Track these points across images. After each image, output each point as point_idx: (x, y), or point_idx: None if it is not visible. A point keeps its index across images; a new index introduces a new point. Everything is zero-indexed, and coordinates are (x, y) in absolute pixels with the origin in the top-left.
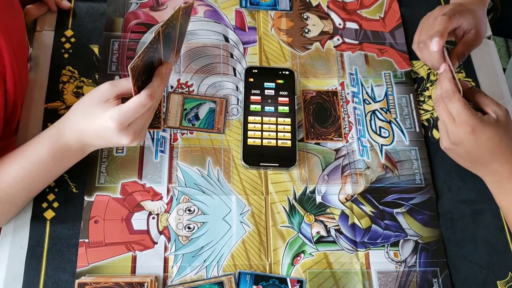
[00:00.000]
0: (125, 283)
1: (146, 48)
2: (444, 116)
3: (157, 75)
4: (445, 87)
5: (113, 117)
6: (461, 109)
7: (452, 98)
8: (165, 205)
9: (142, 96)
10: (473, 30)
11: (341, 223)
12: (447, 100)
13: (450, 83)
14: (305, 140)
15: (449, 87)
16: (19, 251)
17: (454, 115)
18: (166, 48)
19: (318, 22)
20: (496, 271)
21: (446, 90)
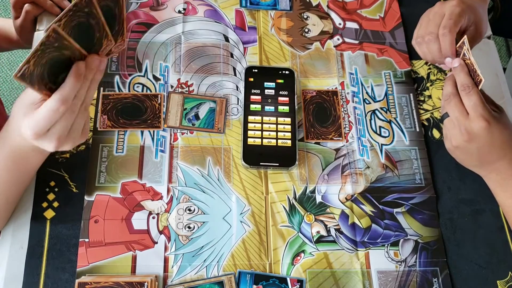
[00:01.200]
0: (125, 282)
1: (35, 51)
2: (456, 112)
3: (70, 74)
4: (463, 80)
5: (28, 126)
6: (478, 102)
7: (471, 90)
8: (165, 205)
9: (52, 102)
10: (473, 26)
11: (341, 223)
12: (465, 93)
13: (468, 77)
14: (305, 140)
15: (468, 81)
16: (19, 250)
17: (469, 108)
18: (83, 40)
19: (318, 22)
20: (496, 271)
21: (463, 83)
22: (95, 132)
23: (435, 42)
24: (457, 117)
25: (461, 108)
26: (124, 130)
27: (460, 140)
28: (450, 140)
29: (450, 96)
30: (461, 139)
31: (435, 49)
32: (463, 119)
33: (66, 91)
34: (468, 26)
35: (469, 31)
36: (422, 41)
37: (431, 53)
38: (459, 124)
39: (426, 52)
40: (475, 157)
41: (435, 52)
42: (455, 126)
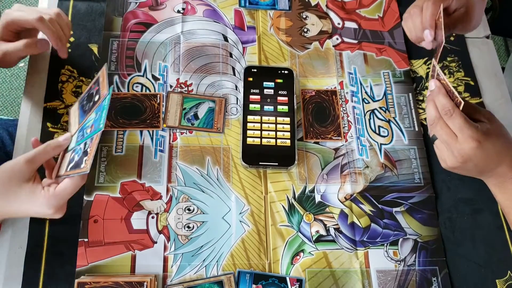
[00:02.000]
0: (125, 282)
1: None
2: (444, 136)
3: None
4: (443, 104)
5: (51, 204)
6: (463, 124)
7: (452, 113)
8: (165, 205)
9: (78, 179)
10: (463, 9)
11: (341, 222)
12: (447, 117)
13: (446, 98)
14: (304, 139)
15: (447, 103)
16: (18, 251)
17: (456, 131)
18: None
19: (317, 22)
20: (495, 270)
21: (444, 106)
22: None
23: (419, 15)
24: (446, 141)
25: (449, 131)
26: (123, 130)
27: (454, 162)
28: (445, 161)
29: (434, 120)
30: (455, 161)
31: (418, 23)
32: (453, 143)
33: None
34: (457, 8)
35: (457, 12)
36: (408, 15)
37: (415, 27)
38: (450, 147)
39: (411, 27)
40: (474, 171)
41: (418, 26)
42: (447, 149)
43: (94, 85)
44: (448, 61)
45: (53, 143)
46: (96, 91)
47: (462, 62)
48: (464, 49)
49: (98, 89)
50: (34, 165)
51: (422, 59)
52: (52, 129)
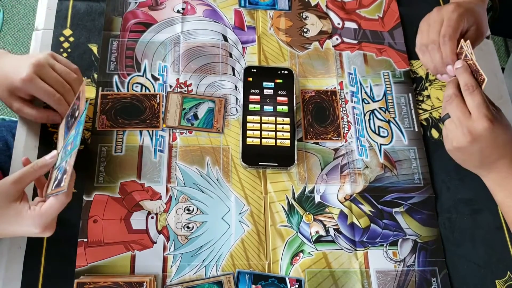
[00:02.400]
0: (124, 282)
1: None
2: (459, 113)
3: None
4: (466, 80)
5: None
6: (482, 102)
7: (475, 90)
8: (164, 205)
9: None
10: (474, 26)
11: (340, 223)
12: (468, 93)
13: (471, 77)
14: (304, 140)
15: (471, 80)
16: (17, 251)
17: (472, 108)
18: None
19: (317, 22)
20: (495, 270)
21: (467, 82)
22: (94, 132)
23: (438, 52)
24: (459, 118)
25: (464, 109)
26: (123, 130)
27: (462, 141)
28: (451, 141)
29: (451, 97)
30: (464, 140)
31: (438, 58)
32: (466, 120)
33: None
34: (468, 28)
35: (470, 32)
36: (425, 49)
37: (434, 62)
38: (461, 124)
39: (429, 61)
40: (477, 157)
41: (437, 61)
42: (457, 127)
43: (76, 100)
44: None
45: (40, 162)
46: (77, 107)
47: None
48: None
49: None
50: (20, 186)
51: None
52: (52, 129)
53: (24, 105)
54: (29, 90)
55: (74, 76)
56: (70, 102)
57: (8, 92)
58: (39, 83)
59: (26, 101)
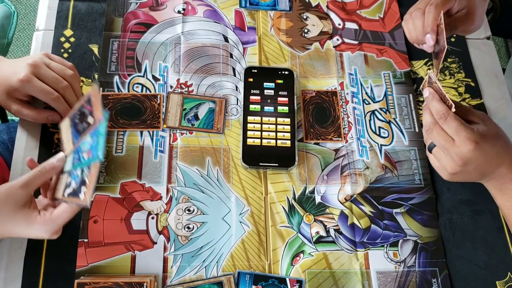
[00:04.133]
0: (124, 283)
1: None
2: (442, 141)
3: None
4: (437, 109)
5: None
6: (458, 127)
7: (447, 117)
8: (165, 205)
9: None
10: (465, 10)
11: (341, 223)
12: (442, 121)
13: (440, 103)
14: (304, 140)
15: (441, 108)
16: (18, 251)
17: (452, 134)
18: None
19: (318, 22)
20: (495, 271)
21: (438, 111)
22: None
23: (420, 18)
24: (443, 146)
25: (445, 136)
26: (124, 130)
27: (454, 166)
28: (444, 169)
29: (430, 126)
30: (456, 165)
31: (419, 25)
32: (451, 146)
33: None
34: (459, 10)
35: (460, 13)
36: (409, 17)
37: (416, 29)
38: (448, 152)
39: (411, 28)
40: (475, 174)
41: (419, 28)
42: (446, 155)
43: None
44: (449, 62)
45: (47, 166)
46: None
47: (462, 63)
48: (465, 50)
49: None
50: (29, 189)
51: (422, 60)
52: (52, 130)
53: (23, 107)
54: (27, 90)
55: (71, 72)
56: (69, 99)
57: (6, 95)
58: (36, 82)
59: (24, 103)
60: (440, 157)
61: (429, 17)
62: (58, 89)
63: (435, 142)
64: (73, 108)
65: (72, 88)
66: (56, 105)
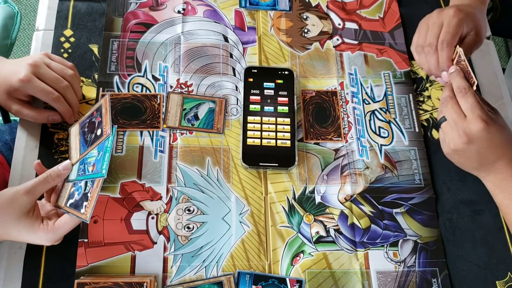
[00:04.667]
0: (124, 283)
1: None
2: (453, 115)
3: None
4: (459, 83)
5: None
6: (475, 104)
7: (467, 92)
8: (165, 205)
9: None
10: (473, 31)
11: (341, 223)
12: (461, 95)
13: (463, 80)
14: (304, 140)
15: (464, 83)
16: (18, 251)
17: (466, 110)
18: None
19: (318, 22)
20: (495, 271)
21: (459, 85)
22: None
23: (434, 55)
24: (454, 120)
25: (459, 111)
26: (123, 130)
27: (459, 142)
28: (448, 144)
29: (446, 99)
30: (460, 142)
31: (433, 61)
32: (461, 121)
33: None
34: (467, 33)
35: (469, 37)
36: (421, 50)
37: (429, 64)
38: (457, 126)
39: (424, 62)
40: (475, 159)
41: (432, 64)
42: (453, 129)
43: (97, 114)
44: None
45: (53, 173)
46: (98, 123)
47: None
48: None
49: (101, 121)
50: (33, 196)
51: None
52: (52, 130)
53: (23, 107)
54: (27, 90)
55: (71, 72)
56: (69, 99)
57: (7, 95)
58: (37, 82)
59: (25, 103)
60: (447, 131)
61: (443, 55)
62: (59, 89)
63: (447, 115)
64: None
65: (73, 88)
66: (57, 105)
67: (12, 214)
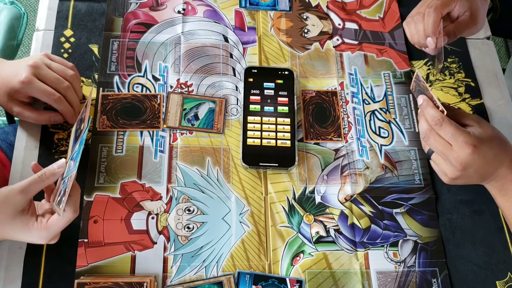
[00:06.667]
0: (124, 283)
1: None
2: (439, 147)
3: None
4: (432, 115)
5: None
6: (455, 131)
7: (442, 123)
8: (165, 205)
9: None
10: (467, 12)
11: (341, 223)
12: (438, 127)
13: (435, 110)
14: (304, 140)
15: (436, 114)
16: (18, 251)
17: (449, 140)
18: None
19: (318, 22)
20: (495, 271)
21: (433, 117)
22: (95, 132)
23: (421, 22)
24: (442, 152)
25: (443, 142)
26: (124, 130)
27: (454, 171)
28: (445, 174)
29: (427, 133)
30: (455, 170)
31: (421, 29)
32: (449, 152)
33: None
34: (461, 13)
35: (463, 17)
36: (411, 20)
37: (417, 32)
38: (447, 157)
39: (413, 32)
40: (475, 177)
41: (420, 32)
42: (445, 160)
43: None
44: (449, 62)
45: (48, 172)
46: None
47: (462, 63)
48: (465, 50)
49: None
50: (28, 195)
51: (422, 60)
52: (52, 130)
53: (25, 109)
54: (28, 92)
55: (72, 72)
56: (70, 100)
57: (8, 97)
58: (37, 83)
59: (25, 105)
60: (439, 162)
61: (429, 20)
62: (60, 90)
63: (433, 148)
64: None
65: (73, 88)
66: (58, 106)
67: (7, 213)
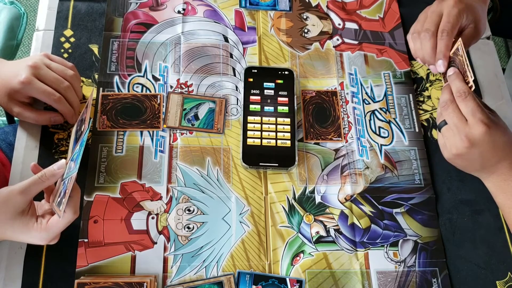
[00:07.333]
0: (124, 283)
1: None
2: (454, 119)
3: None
4: (458, 86)
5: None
6: (476, 107)
7: (467, 95)
8: (165, 205)
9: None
10: (472, 25)
11: (341, 223)
12: (461, 99)
13: (463, 83)
14: (304, 140)
15: (463, 86)
16: (18, 251)
17: (467, 114)
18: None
19: (318, 22)
20: (495, 271)
21: (459, 89)
22: (95, 132)
23: (429, 40)
24: (456, 124)
25: (460, 115)
26: (124, 130)
27: (461, 147)
28: (449, 149)
29: (447, 103)
30: (462, 146)
31: (428, 47)
32: (463, 126)
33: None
34: (466, 25)
35: (468, 29)
36: (417, 36)
37: (424, 50)
38: (459, 131)
39: (419, 48)
40: (477, 162)
41: (427, 50)
42: (455, 134)
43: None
44: None
45: (48, 173)
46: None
47: None
48: None
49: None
50: (28, 196)
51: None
52: (52, 130)
53: (25, 109)
54: (28, 92)
55: (71, 73)
56: (70, 100)
57: (8, 97)
58: (37, 84)
59: (26, 105)
60: (448, 136)
61: (441, 45)
62: (60, 90)
63: (447, 119)
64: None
65: (73, 88)
66: (58, 106)
67: (7, 214)
